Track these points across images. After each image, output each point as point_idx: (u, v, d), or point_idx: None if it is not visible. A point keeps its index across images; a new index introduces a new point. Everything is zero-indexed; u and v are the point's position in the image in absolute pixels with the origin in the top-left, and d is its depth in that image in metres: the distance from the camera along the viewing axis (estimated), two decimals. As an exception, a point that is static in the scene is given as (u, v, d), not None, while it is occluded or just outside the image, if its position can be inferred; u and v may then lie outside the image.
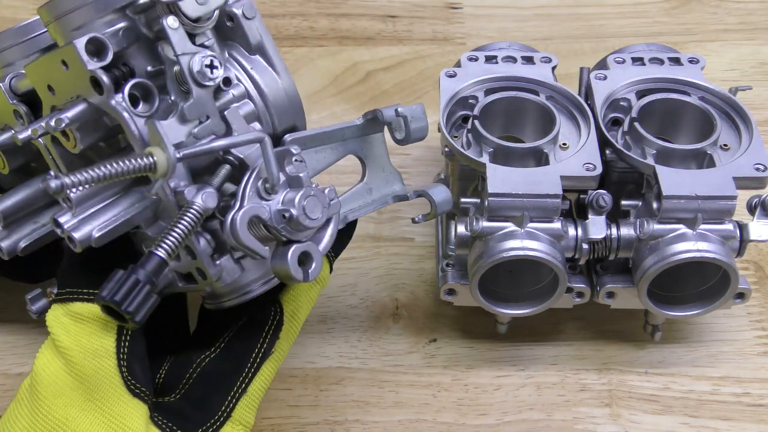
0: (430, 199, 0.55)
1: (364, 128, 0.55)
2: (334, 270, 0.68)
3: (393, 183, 0.57)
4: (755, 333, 0.65)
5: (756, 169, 0.57)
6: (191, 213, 0.45)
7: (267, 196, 0.47)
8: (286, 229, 0.46)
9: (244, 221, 0.45)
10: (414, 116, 0.53)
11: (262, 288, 0.51)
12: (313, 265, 0.47)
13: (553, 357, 0.63)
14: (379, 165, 0.56)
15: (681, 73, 0.64)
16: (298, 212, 0.46)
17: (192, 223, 0.45)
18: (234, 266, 0.49)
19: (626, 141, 0.60)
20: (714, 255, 0.55)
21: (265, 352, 0.52)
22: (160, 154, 0.45)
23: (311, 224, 0.47)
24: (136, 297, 0.43)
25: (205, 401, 0.50)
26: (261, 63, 0.52)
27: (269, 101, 0.52)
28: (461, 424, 0.60)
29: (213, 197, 0.46)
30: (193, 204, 0.45)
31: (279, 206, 0.46)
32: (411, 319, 0.66)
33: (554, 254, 0.56)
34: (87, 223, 0.48)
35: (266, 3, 0.89)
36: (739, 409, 0.60)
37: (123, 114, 0.46)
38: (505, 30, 0.88)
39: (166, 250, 0.44)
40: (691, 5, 0.90)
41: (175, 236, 0.45)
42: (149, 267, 0.44)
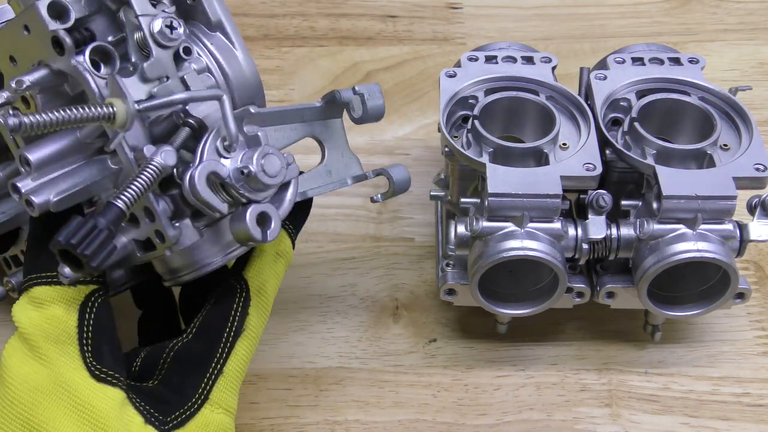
0: (389, 177, 0.57)
1: (323, 111, 0.56)
2: (334, 270, 0.69)
3: (352, 167, 0.58)
4: (755, 333, 0.65)
5: (756, 169, 0.57)
6: (150, 169, 0.46)
7: (226, 154, 0.48)
8: (244, 187, 0.47)
9: (202, 176, 0.46)
10: (371, 94, 0.55)
11: (221, 260, 0.51)
12: (271, 225, 0.47)
13: (553, 357, 0.63)
14: (338, 149, 0.57)
15: (681, 73, 0.64)
16: (256, 169, 0.47)
17: (151, 178, 0.46)
18: (192, 230, 0.49)
19: (626, 141, 0.60)
20: (714, 255, 0.55)
21: (237, 330, 0.51)
22: (119, 105, 0.46)
23: (269, 181, 0.47)
24: (93, 241, 0.43)
25: (182, 384, 0.50)
26: (221, 40, 0.53)
27: (229, 77, 0.52)
28: (461, 424, 0.60)
29: (172, 155, 0.46)
30: (152, 161, 0.46)
31: (238, 164, 0.47)
32: (411, 319, 0.66)
33: (554, 254, 0.56)
34: (46, 188, 0.48)
35: (266, 3, 0.89)
36: (739, 409, 0.60)
37: (84, 73, 0.46)
38: (505, 30, 0.88)
39: (124, 201, 0.44)
40: (691, 5, 0.90)
41: (134, 189, 0.45)
42: (108, 216, 0.44)
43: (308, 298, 0.67)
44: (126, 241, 0.49)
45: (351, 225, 0.72)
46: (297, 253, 0.69)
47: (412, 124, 0.79)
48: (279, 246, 0.55)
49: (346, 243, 0.71)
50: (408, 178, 0.57)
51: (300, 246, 0.70)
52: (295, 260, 0.69)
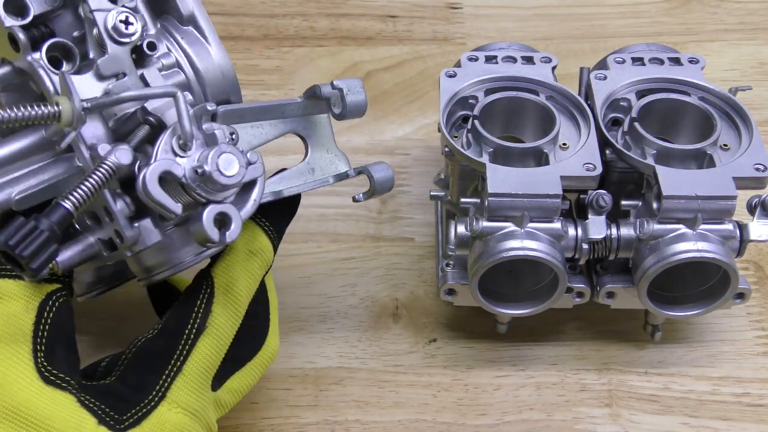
0: (369, 175, 0.55)
1: (305, 107, 0.54)
2: (334, 270, 0.69)
3: (338, 164, 0.56)
4: (755, 333, 0.65)
5: (756, 169, 0.57)
6: (103, 168, 0.45)
7: (182, 153, 0.46)
8: (201, 187, 0.46)
9: (154, 175, 0.45)
10: (351, 89, 0.53)
11: (193, 259, 0.50)
12: (231, 226, 0.46)
13: (553, 357, 0.63)
14: (323, 146, 0.56)
15: (681, 73, 0.64)
16: (211, 168, 0.45)
17: (103, 177, 0.45)
18: (154, 231, 0.48)
19: (626, 141, 0.60)
20: (714, 255, 0.55)
21: (199, 327, 0.50)
22: (65, 103, 0.45)
23: (226, 181, 0.46)
24: (32, 243, 0.42)
25: (140, 381, 0.49)
26: (193, 34, 0.52)
27: (200, 72, 0.51)
28: (461, 424, 0.60)
29: (127, 154, 0.46)
30: (105, 159, 0.45)
31: (193, 163, 0.46)
32: (411, 319, 0.66)
33: (554, 254, 0.56)
34: (8, 186, 0.47)
35: (266, 3, 0.89)
36: (739, 409, 0.60)
37: (38, 70, 0.46)
38: (505, 30, 0.88)
39: (72, 202, 0.44)
40: (691, 5, 0.90)
41: (84, 189, 0.44)
42: (53, 217, 0.43)
43: (308, 298, 0.67)
44: (93, 241, 0.49)
45: (351, 225, 0.72)
46: (297, 253, 0.70)
47: (412, 124, 0.79)
48: (252, 244, 0.53)
49: (346, 243, 0.71)
50: (391, 176, 0.55)
51: (300, 246, 0.70)
52: (295, 260, 0.69)
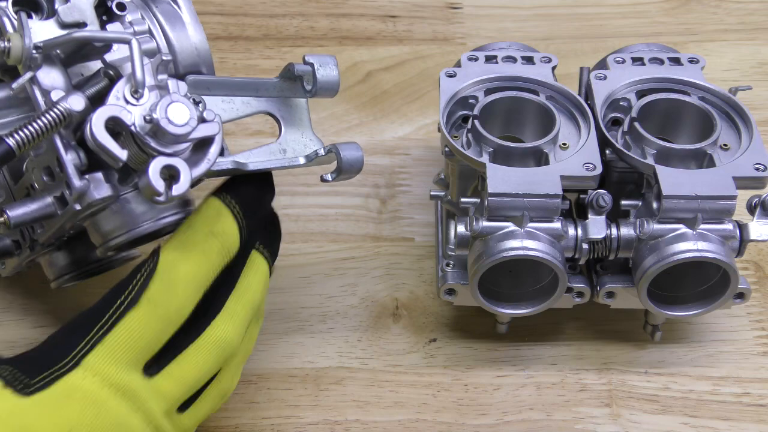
0: (337, 153, 0.54)
1: (281, 88, 0.54)
2: (334, 270, 0.69)
3: (312, 148, 0.55)
4: (755, 333, 0.65)
5: (756, 169, 0.57)
6: (53, 111, 0.45)
7: (134, 101, 0.46)
8: (152, 138, 0.45)
9: (101, 119, 0.44)
10: (323, 64, 0.52)
11: (152, 224, 0.50)
12: (180, 180, 0.45)
13: (553, 357, 0.63)
14: (297, 129, 0.55)
15: (681, 73, 0.64)
16: (160, 115, 0.44)
17: (51, 120, 0.44)
18: (105, 184, 0.47)
19: (626, 141, 0.60)
20: (714, 255, 0.55)
21: (132, 300, 0.47)
22: (15, 39, 0.45)
23: (175, 130, 0.45)
24: None
25: (58, 348, 0.47)
26: (170, 6, 0.52)
27: (173, 44, 0.52)
28: (461, 424, 0.60)
29: (79, 100, 0.45)
30: (57, 103, 0.45)
31: (144, 111, 0.45)
32: (411, 319, 0.66)
33: (554, 254, 0.56)
34: None
35: (266, 3, 0.89)
36: (739, 409, 0.60)
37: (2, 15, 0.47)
38: (505, 30, 0.88)
39: (16, 140, 0.43)
40: (691, 5, 0.90)
41: (30, 129, 0.44)
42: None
43: (308, 298, 0.67)
44: (50, 200, 0.48)
45: (351, 225, 0.72)
46: (297, 252, 0.70)
47: (412, 124, 0.79)
48: (215, 225, 0.50)
49: (346, 243, 0.71)
50: (360, 157, 0.54)
51: (300, 246, 0.70)
52: (295, 260, 0.69)
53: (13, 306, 0.66)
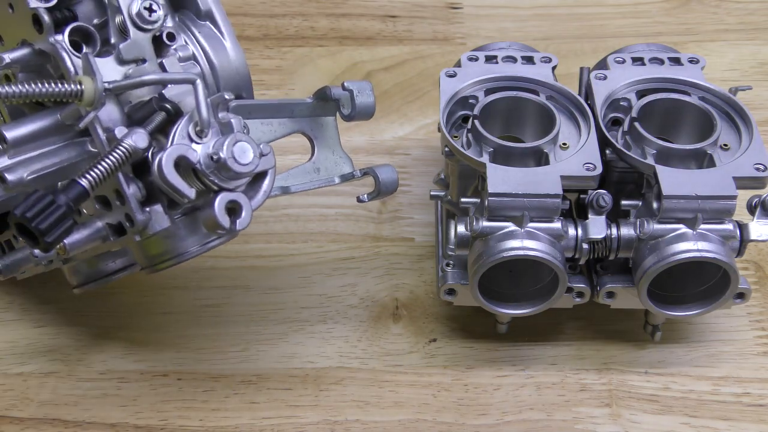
0: (375, 176, 0.56)
1: (314, 108, 0.56)
2: (334, 270, 0.69)
3: (342, 166, 0.57)
4: (755, 333, 0.65)
5: (756, 169, 0.57)
6: (119, 149, 0.46)
7: (198, 139, 0.47)
8: (215, 174, 0.46)
9: (170, 159, 0.46)
10: (361, 91, 0.54)
11: (198, 249, 0.50)
12: (242, 214, 0.47)
13: (553, 357, 0.63)
14: (329, 147, 0.57)
15: (681, 73, 0.64)
16: (226, 155, 0.46)
17: (119, 159, 0.45)
18: (163, 216, 0.48)
19: (626, 141, 0.60)
20: (714, 255, 0.55)
21: None
22: (88, 82, 0.46)
23: (240, 169, 0.46)
24: (49, 216, 0.43)
25: None
26: (210, 29, 0.53)
27: (215, 67, 0.53)
28: (461, 424, 0.60)
29: (143, 137, 0.46)
30: (122, 141, 0.46)
31: (209, 150, 0.47)
32: (411, 319, 0.66)
33: (554, 254, 0.56)
34: (21, 166, 0.48)
35: (266, 3, 0.89)
36: (739, 409, 0.60)
37: (61, 52, 0.47)
38: (505, 30, 0.88)
39: (88, 180, 0.44)
40: (691, 5, 0.90)
41: (100, 169, 0.45)
42: (69, 193, 0.44)
43: (308, 298, 0.67)
44: (101, 226, 0.49)
45: (351, 225, 0.72)
46: (297, 252, 0.70)
47: (412, 124, 0.79)
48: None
49: (346, 243, 0.71)
50: (395, 179, 0.56)
51: (300, 246, 0.70)
52: (295, 260, 0.69)
53: (13, 306, 0.66)
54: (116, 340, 0.64)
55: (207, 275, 0.68)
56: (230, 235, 0.49)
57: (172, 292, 0.67)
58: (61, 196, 0.43)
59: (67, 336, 0.64)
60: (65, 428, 0.59)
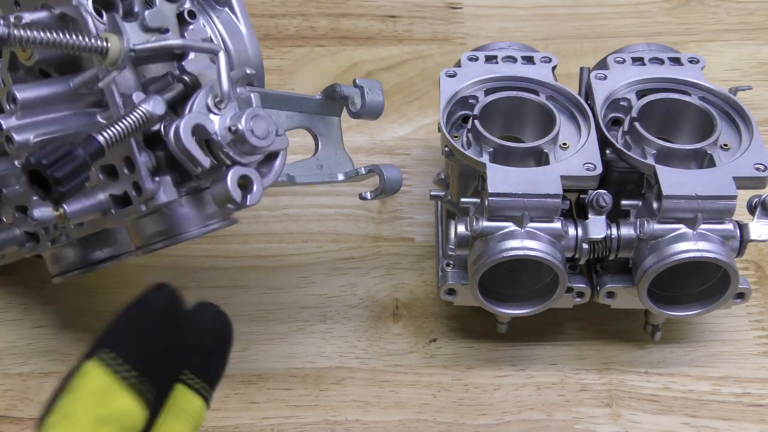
0: (380, 174, 0.56)
1: (322, 105, 0.56)
2: (334, 270, 0.69)
3: (344, 165, 0.57)
4: (755, 333, 0.65)
5: (756, 168, 0.57)
6: (137, 113, 0.45)
7: (216, 111, 0.47)
8: (231, 147, 0.46)
9: (188, 126, 0.45)
10: (371, 89, 0.54)
11: (197, 231, 0.50)
12: (253, 189, 0.46)
13: (553, 357, 0.63)
14: (332, 146, 0.57)
15: (681, 73, 0.64)
16: (245, 128, 0.46)
17: (136, 122, 0.45)
18: (171, 188, 0.48)
19: (626, 141, 0.60)
20: (714, 255, 0.55)
21: None
22: (114, 40, 0.45)
23: (257, 143, 0.46)
24: (65, 166, 0.42)
25: None
26: (228, 15, 0.53)
27: (231, 53, 0.53)
28: (461, 424, 0.60)
29: (161, 104, 0.46)
30: (140, 105, 0.45)
31: (227, 122, 0.46)
32: (411, 319, 0.66)
33: (554, 254, 0.56)
34: (29, 129, 0.48)
35: (266, 3, 0.89)
36: (739, 409, 0.60)
37: (85, 15, 0.46)
38: (505, 30, 0.88)
39: (105, 137, 0.44)
40: (691, 5, 0.90)
41: (118, 128, 0.44)
42: (87, 147, 0.43)
43: (308, 298, 0.67)
44: (104, 198, 0.49)
45: (351, 225, 0.72)
46: (297, 252, 0.70)
47: (412, 124, 0.79)
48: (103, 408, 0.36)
49: (346, 243, 0.71)
50: (399, 178, 0.56)
51: (300, 246, 0.70)
52: (295, 260, 0.69)
53: (12, 306, 0.66)
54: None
55: (207, 275, 0.68)
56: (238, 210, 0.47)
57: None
58: (79, 148, 0.43)
59: (67, 336, 0.64)
60: (65, 428, 0.59)
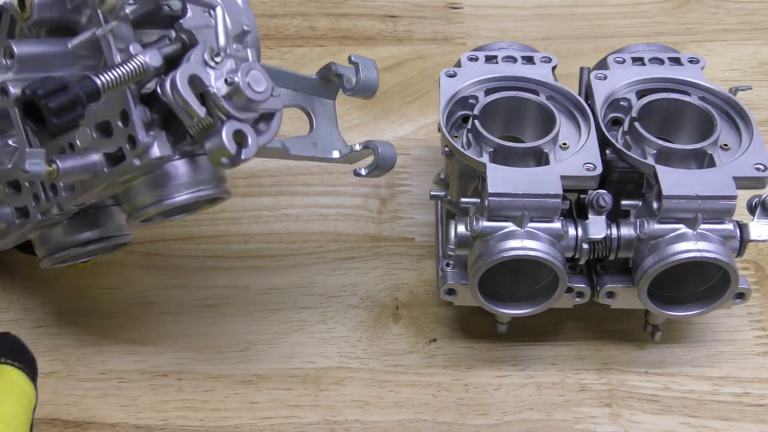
0: (375, 148, 0.55)
1: (317, 86, 0.55)
2: (334, 270, 0.69)
3: (339, 146, 0.57)
4: (755, 333, 0.65)
5: (756, 169, 0.57)
6: (133, 62, 0.45)
7: (213, 64, 0.46)
8: (227, 101, 0.45)
9: (185, 75, 0.45)
10: (366, 65, 0.54)
11: (187, 196, 0.49)
12: (248, 144, 0.46)
13: (553, 357, 0.63)
14: (327, 126, 0.56)
15: (681, 73, 0.64)
16: (242, 79, 0.45)
17: (132, 71, 0.44)
18: (165, 143, 0.47)
19: (626, 141, 0.60)
20: (714, 255, 0.55)
21: None
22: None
23: (254, 96, 0.46)
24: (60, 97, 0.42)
25: None
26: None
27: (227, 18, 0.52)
28: (461, 424, 0.60)
29: (158, 56, 0.45)
30: (136, 56, 0.45)
31: (223, 74, 0.46)
32: (411, 319, 0.66)
33: (554, 254, 0.56)
34: (22, 84, 0.46)
35: (266, 3, 0.89)
36: (739, 409, 0.60)
37: None
38: (505, 30, 0.88)
39: (101, 80, 0.43)
40: (691, 5, 0.90)
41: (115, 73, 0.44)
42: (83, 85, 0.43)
43: (308, 298, 0.67)
44: (96, 158, 0.48)
45: (351, 225, 0.72)
46: (297, 252, 0.70)
47: (412, 124, 0.79)
48: None
49: (346, 243, 0.71)
50: (394, 155, 0.56)
51: (300, 246, 0.70)
52: (295, 260, 0.69)
53: (13, 306, 0.66)
54: (116, 340, 0.64)
55: (207, 275, 0.68)
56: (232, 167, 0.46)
57: (172, 292, 0.67)
58: (75, 85, 0.42)
59: (67, 336, 0.64)
60: (65, 428, 0.59)
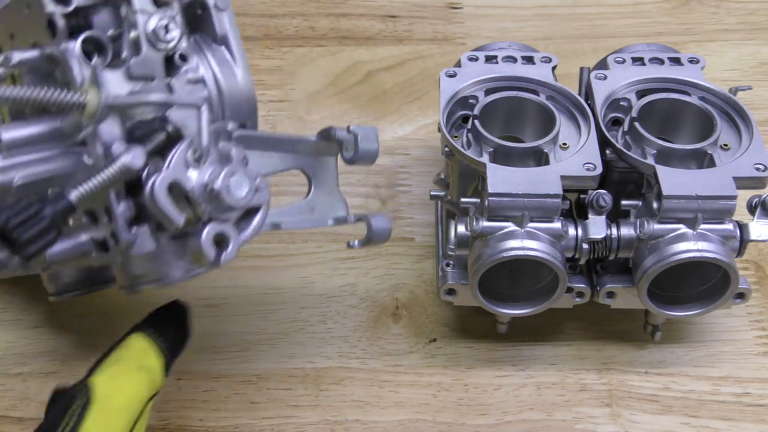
0: (368, 224, 0.55)
1: (317, 146, 0.55)
2: (334, 270, 0.69)
3: (337, 208, 0.56)
4: (755, 333, 0.65)
5: (756, 169, 0.57)
6: (114, 167, 0.45)
7: (195, 166, 0.46)
8: (207, 204, 0.46)
9: (164, 184, 0.45)
10: (365, 136, 0.53)
11: (182, 276, 0.49)
12: (229, 247, 0.46)
13: (553, 357, 0.63)
14: (326, 188, 0.56)
15: (681, 73, 0.64)
16: (221, 186, 0.45)
17: (113, 177, 0.44)
18: (149, 239, 0.48)
19: (626, 141, 0.60)
20: (714, 255, 0.55)
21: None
22: (92, 94, 0.45)
23: (233, 203, 0.46)
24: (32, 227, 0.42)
25: None
26: (223, 54, 0.52)
27: (224, 93, 0.51)
28: (461, 424, 0.60)
29: (140, 156, 0.45)
30: (118, 159, 0.45)
31: (204, 179, 0.46)
32: (411, 319, 0.66)
33: (554, 254, 0.56)
34: (13, 169, 0.47)
35: (266, 3, 0.89)
36: (739, 409, 0.60)
37: (71, 59, 0.46)
38: (505, 30, 0.88)
39: (77, 195, 0.43)
40: (691, 5, 0.90)
41: (93, 185, 0.44)
42: (56, 206, 0.43)
43: (308, 298, 0.67)
44: (85, 240, 0.48)
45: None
46: (297, 252, 0.70)
47: (412, 124, 0.79)
48: (143, 360, 0.51)
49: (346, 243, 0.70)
50: (388, 229, 0.55)
51: (300, 246, 0.70)
52: (295, 260, 0.69)
53: (12, 306, 0.66)
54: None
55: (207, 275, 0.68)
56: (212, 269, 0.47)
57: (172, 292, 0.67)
58: (48, 207, 0.43)
59: (67, 336, 0.64)
60: (65, 428, 0.59)
